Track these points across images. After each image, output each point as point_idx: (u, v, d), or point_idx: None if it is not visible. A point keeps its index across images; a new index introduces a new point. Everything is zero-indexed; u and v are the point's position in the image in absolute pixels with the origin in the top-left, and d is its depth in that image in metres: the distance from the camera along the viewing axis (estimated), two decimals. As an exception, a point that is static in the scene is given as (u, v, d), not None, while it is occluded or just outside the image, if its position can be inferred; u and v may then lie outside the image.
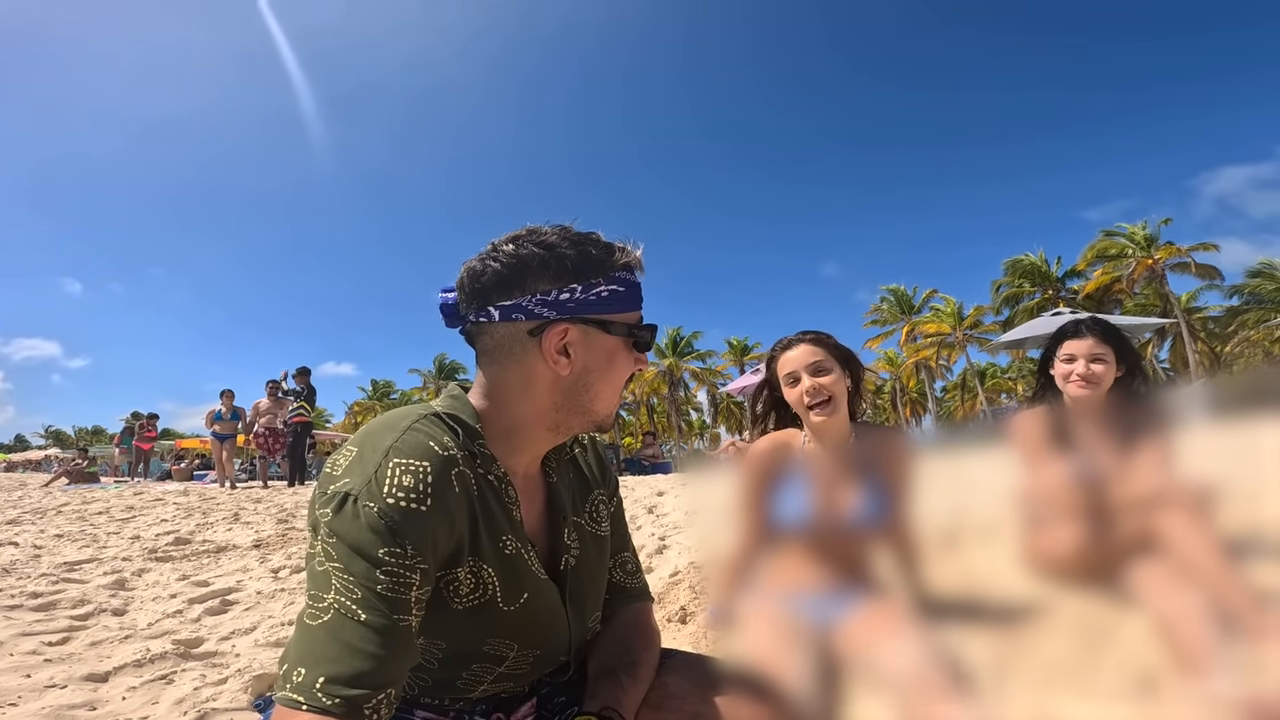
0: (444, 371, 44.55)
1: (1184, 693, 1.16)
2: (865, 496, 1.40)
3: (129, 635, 2.29)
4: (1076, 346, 1.62)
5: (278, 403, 9.54)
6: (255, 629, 2.41)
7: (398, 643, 0.66)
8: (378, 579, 0.66)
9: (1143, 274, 28.37)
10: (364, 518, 0.67)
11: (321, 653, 0.64)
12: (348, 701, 0.62)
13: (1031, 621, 1.33)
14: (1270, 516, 1.37)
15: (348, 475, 0.71)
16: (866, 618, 1.29)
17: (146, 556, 3.80)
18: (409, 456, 0.72)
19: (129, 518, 5.54)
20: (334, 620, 0.66)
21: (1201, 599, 1.26)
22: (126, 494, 7.80)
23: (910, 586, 1.38)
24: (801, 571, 1.41)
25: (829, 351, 1.45)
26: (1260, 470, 1.43)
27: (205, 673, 1.91)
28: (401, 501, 0.69)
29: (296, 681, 0.64)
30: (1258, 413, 1.46)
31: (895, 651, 1.20)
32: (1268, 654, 1.16)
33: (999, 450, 1.66)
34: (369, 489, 0.69)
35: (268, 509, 5.96)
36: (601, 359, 0.81)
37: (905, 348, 36.49)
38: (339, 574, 0.67)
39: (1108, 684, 1.20)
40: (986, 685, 1.14)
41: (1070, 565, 1.44)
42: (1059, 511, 1.52)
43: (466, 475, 0.76)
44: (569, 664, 0.91)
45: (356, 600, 0.66)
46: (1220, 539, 1.31)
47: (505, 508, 0.80)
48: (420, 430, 0.76)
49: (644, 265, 0.85)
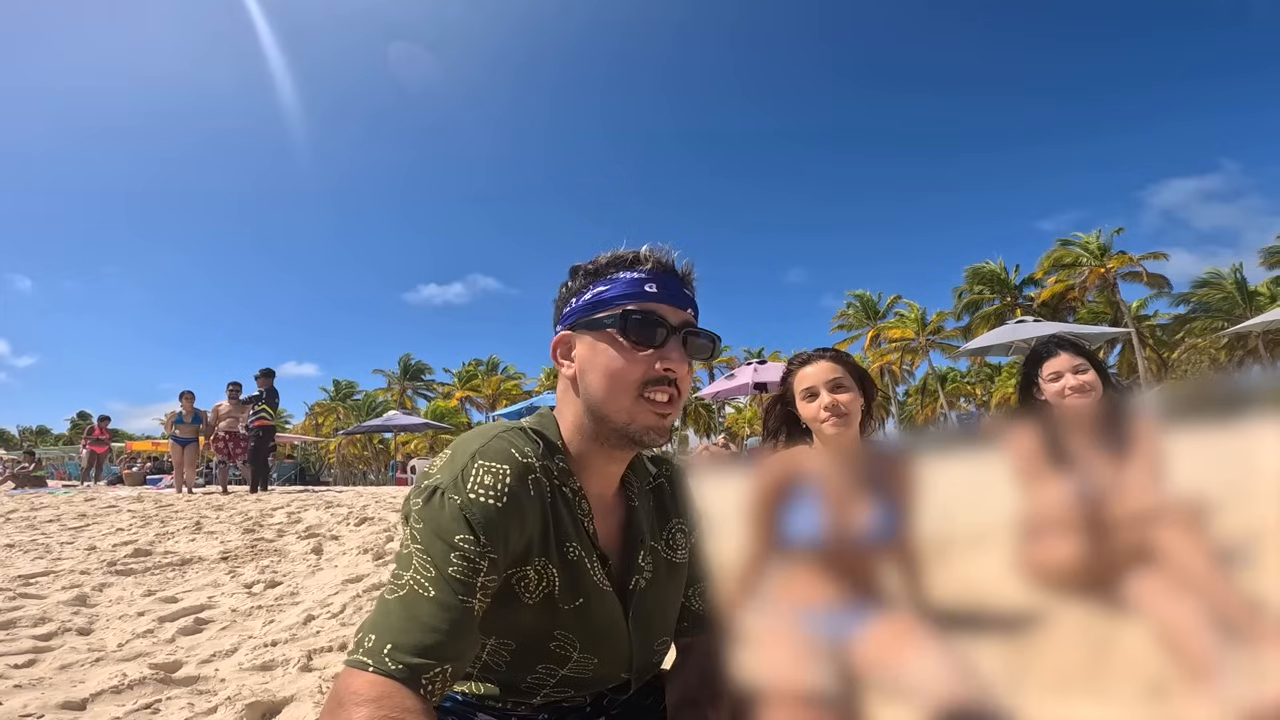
0: (409, 373, 43.74)
1: (1195, 699, 1.19)
2: (877, 511, 1.41)
3: (100, 658, 2.16)
4: (1057, 364, 1.66)
5: (239, 405, 9.22)
6: (237, 650, 2.30)
7: (461, 622, 0.72)
8: (450, 562, 0.73)
9: (1095, 282, 29.51)
10: (447, 508, 0.75)
11: (392, 623, 0.71)
12: (410, 668, 0.68)
13: (1036, 631, 1.35)
14: (1247, 523, 1.41)
15: (439, 473, 0.79)
16: (883, 632, 1.30)
17: (106, 569, 3.62)
18: (491, 460, 0.79)
19: (83, 526, 5.27)
20: (408, 595, 0.72)
21: (1200, 607, 1.29)
22: (77, 500, 7.42)
23: (920, 599, 1.39)
24: (813, 588, 1.41)
25: (847, 370, 1.46)
26: (1238, 477, 1.48)
27: (193, 701, 1.81)
28: (481, 497, 0.76)
29: (367, 647, 0.70)
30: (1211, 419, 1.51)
31: (917, 663, 1.21)
32: (1267, 659, 1.20)
33: (984, 457, 1.69)
34: (454, 484, 0.77)
35: (231, 517, 5.74)
36: (589, 353, 0.85)
37: (870, 352, 37.21)
38: (419, 555, 0.74)
39: (1120, 692, 1.22)
40: (1004, 694, 1.15)
41: (1068, 577, 1.47)
42: (1056, 525, 1.55)
43: (542, 482, 0.82)
44: (630, 683, 0.92)
45: (430, 579, 0.73)
46: (1214, 549, 1.36)
47: (576, 519, 0.85)
48: (505, 439, 0.82)
49: (666, 263, 0.87)
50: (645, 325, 0.82)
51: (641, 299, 0.83)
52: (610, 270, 0.86)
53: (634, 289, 0.84)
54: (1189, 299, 30.19)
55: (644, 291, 0.84)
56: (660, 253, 0.87)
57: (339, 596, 3.01)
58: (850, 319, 38.20)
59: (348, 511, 5.79)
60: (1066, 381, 1.66)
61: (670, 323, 0.84)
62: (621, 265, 0.86)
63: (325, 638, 2.43)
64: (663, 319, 0.83)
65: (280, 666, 2.14)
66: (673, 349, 0.83)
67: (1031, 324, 12.08)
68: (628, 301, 0.83)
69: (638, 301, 0.83)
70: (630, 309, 0.83)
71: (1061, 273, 30.45)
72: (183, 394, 9.39)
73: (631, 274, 0.85)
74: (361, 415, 40.40)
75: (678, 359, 0.83)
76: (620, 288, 0.84)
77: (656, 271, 0.86)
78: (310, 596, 3.07)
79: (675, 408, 0.84)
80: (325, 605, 2.88)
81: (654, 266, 0.86)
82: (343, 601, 2.91)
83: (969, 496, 1.74)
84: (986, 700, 1.09)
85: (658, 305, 0.84)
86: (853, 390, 1.44)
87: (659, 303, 0.84)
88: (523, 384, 42.68)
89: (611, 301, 0.84)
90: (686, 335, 0.85)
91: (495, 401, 40.93)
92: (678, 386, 0.84)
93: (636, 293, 0.84)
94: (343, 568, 3.63)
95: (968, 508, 1.68)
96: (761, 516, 1.49)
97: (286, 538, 4.63)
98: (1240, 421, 1.60)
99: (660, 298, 0.84)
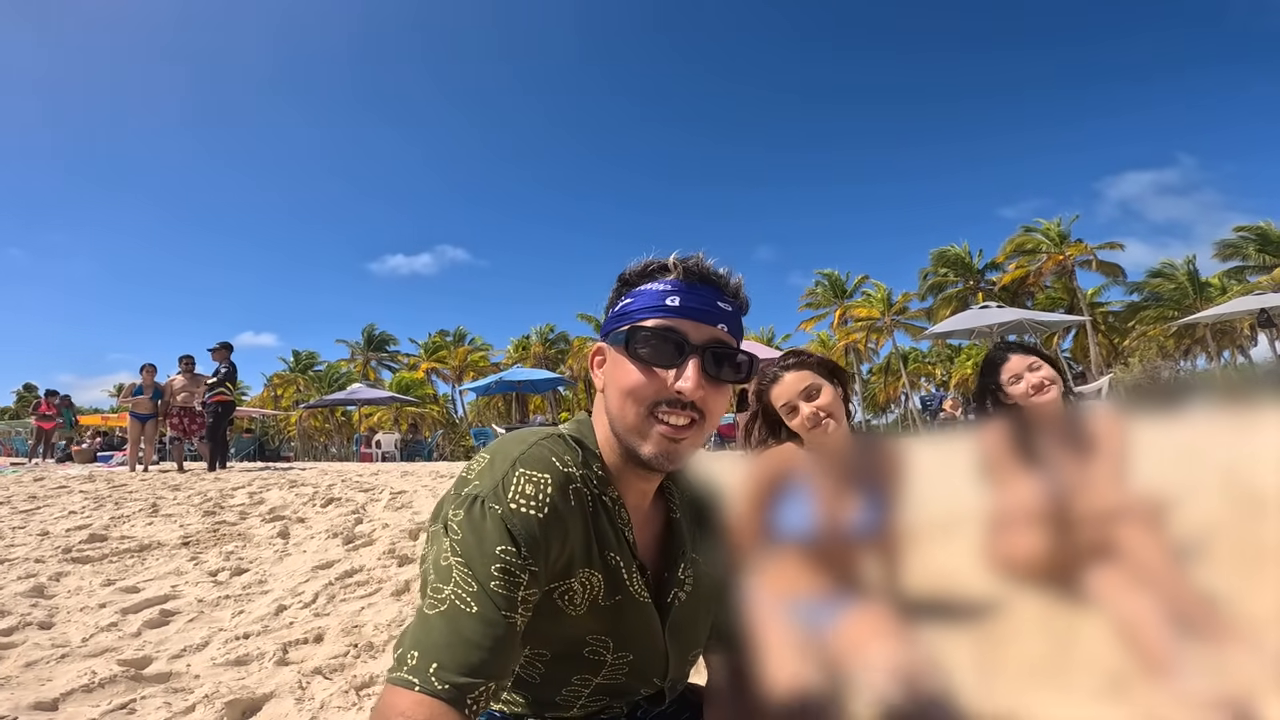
0: (373, 343, 42.81)
1: (1152, 693, 1.26)
2: (864, 504, 1.45)
3: (65, 654, 2.11)
4: (1012, 366, 1.70)
5: (193, 379, 8.93)
6: (208, 645, 2.26)
7: (505, 639, 0.70)
8: (492, 575, 0.71)
9: (1052, 269, 30.39)
10: (488, 519, 0.73)
11: (435, 639, 0.69)
12: (457, 688, 0.67)
13: (1002, 622, 1.41)
14: (1205, 518, 1.49)
15: (478, 479, 0.77)
16: (855, 622, 1.34)
17: (61, 557, 3.51)
18: (533, 468, 0.77)
19: (33, 509, 5.09)
20: (450, 610, 0.70)
21: (1159, 603, 1.36)
22: (26, 480, 7.14)
23: (896, 589, 1.44)
24: (798, 579, 1.44)
25: (813, 370, 1.46)
26: (1191, 470, 1.56)
27: (169, 700, 1.78)
28: (522, 508, 0.74)
29: (411, 664, 0.68)
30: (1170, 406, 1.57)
31: (878, 655, 1.25)
32: (1223, 654, 1.28)
33: (955, 451, 1.75)
34: (495, 493, 0.75)
35: (189, 498, 5.60)
36: (612, 368, 0.83)
37: (837, 330, 37.80)
38: (460, 568, 0.72)
39: (1081, 684, 1.29)
40: (964, 683, 1.20)
41: (1033, 569, 1.54)
42: (1022, 519, 1.62)
43: (583, 492, 0.80)
44: (664, 694, 0.92)
45: (472, 594, 0.71)
46: (1173, 546, 1.43)
47: (617, 529, 0.83)
48: (545, 446, 0.80)
49: (696, 273, 0.82)
50: (658, 343, 0.78)
51: (662, 314, 0.80)
52: (641, 281, 0.83)
53: (655, 302, 0.80)
54: (1142, 288, 31.38)
55: (664, 305, 0.80)
56: (691, 261, 0.82)
57: (310, 584, 2.97)
58: (818, 297, 38.63)
59: (313, 491, 5.69)
60: (1028, 380, 1.71)
61: (690, 341, 0.79)
62: (649, 275, 0.83)
63: (299, 629, 2.40)
64: (680, 336, 0.79)
65: (255, 660, 2.11)
66: (690, 368, 0.78)
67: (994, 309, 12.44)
68: (647, 316, 0.80)
69: (658, 316, 0.80)
70: (642, 325, 0.79)
71: (1022, 258, 31.27)
72: (144, 367, 9.03)
73: (656, 285, 0.81)
74: (323, 387, 39.50)
75: (694, 380, 0.77)
76: (643, 300, 0.81)
77: (682, 283, 0.81)
78: (280, 585, 3.02)
79: (693, 432, 0.80)
80: (296, 594, 2.84)
81: (681, 276, 0.81)
82: (314, 590, 2.87)
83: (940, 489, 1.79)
84: (940, 692, 1.15)
85: (678, 321, 0.79)
86: (825, 387, 1.45)
87: (680, 318, 0.79)
88: (490, 355, 42.22)
89: (632, 315, 0.81)
90: (711, 355, 0.80)
91: (462, 373, 40.44)
92: (699, 409, 0.79)
93: (657, 306, 0.80)
94: (311, 553, 3.58)
95: (938, 500, 1.73)
96: (750, 513, 1.52)
97: (250, 520, 4.54)
98: (1187, 413, 1.65)
99: (683, 312, 0.80)
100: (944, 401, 13.23)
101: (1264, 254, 28.25)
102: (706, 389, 0.79)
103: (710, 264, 0.83)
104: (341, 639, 2.29)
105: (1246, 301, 13.94)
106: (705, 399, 0.79)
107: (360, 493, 5.53)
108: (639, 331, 0.79)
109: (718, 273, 0.84)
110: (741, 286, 0.86)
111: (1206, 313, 11.65)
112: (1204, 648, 1.30)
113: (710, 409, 0.80)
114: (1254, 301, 13.56)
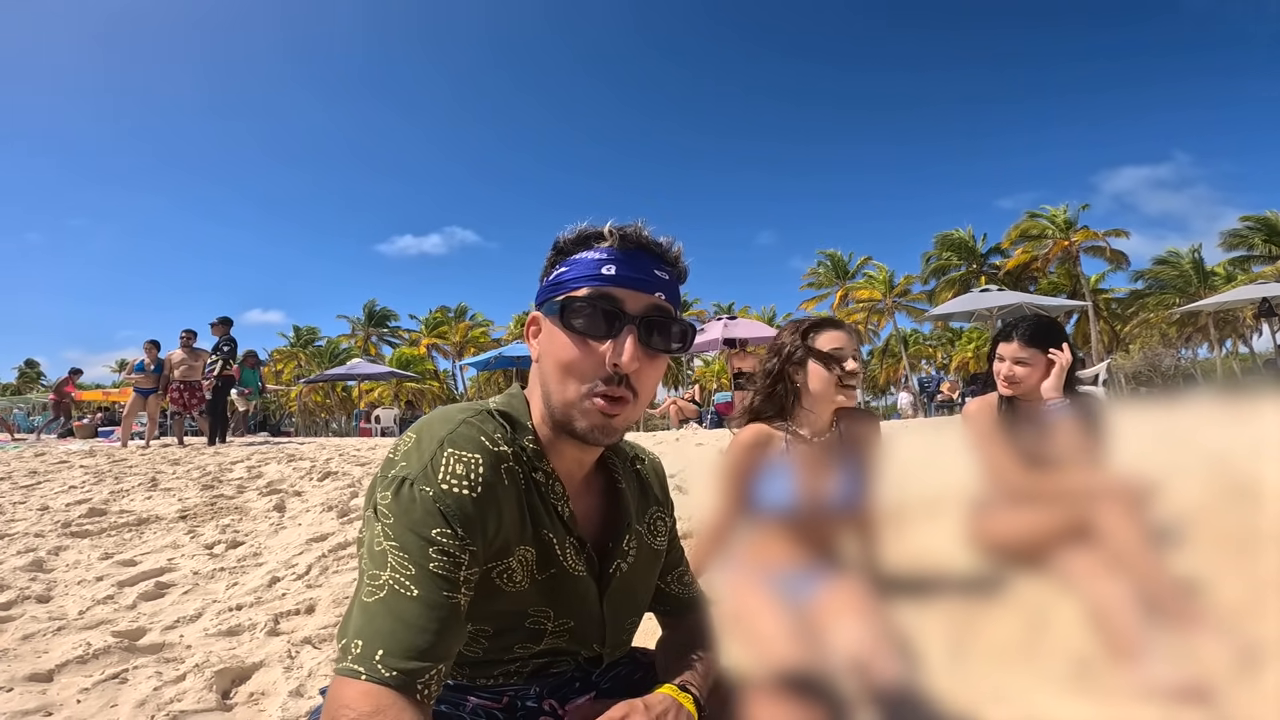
0: (374, 319, 42.77)
1: (1119, 677, 1.28)
2: (844, 481, 1.48)
3: (62, 627, 2.14)
4: (1005, 349, 1.74)
5: (193, 354, 8.95)
6: (201, 616, 2.30)
7: (449, 620, 0.69)
8: (430, 557, 0.70)
9: (1058, 255, 30.20)
10: (419, 500, 0.71)
11: (378, 627, 0.67)
12: (405, 674, 0.65)
13: (978, 600, 1.44)
14: (1187, 504, 1.50)
15: (405, 460, 0.75)
16: (831, 595, 1.37)
17: (61, 531, 3.55)
18: (462, 448, 0.75)
19: (34, 484, 5.13)
20: (390, 596, 0.69)
21: (1131, 588, 1.38)
22: (27, 455, 7.20)
23: (872, 565, 1.47)
24: (780, 551, 1.47)
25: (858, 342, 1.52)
26: (1181, 457, 1.57)
27: (160, 669, 1.81)
28: (454, 488, 0.72)
29: (356, 654, 0.66)
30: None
31: (847, 629, 1.28)
32: (1192, 641, 1.30)
33: (940, 430, 1.78)
34: (424, 474, 0.73)
35: (189, 472, 5.64)
36: (547, 338, 0.81)
37: (839, 311, 37.66)
38: (395, 552, 0.70)
39: (1051, 665, 1.31)
40: (935, 662, 1.22)
41: (1011, 548, 1.56)
42: (1002, 495, 1.64)
43: (515, 471, 0.78)
44: (602, 657, 0.92)
45: (410, 577, 0.69)
46: (1152, 530, 1.44)
47: (548, 504, 0.82)
48: (473, 424, 0.78)
49: (632, 240, 0.79)
50: (592, 314, 0.76)
51: (597, 282, 0.77)
52: (575, 248, 0.81)
53: (591, 270, 0.78)
54: (1145, 275, 31.23)
55: (600, 274, 0.77)
56: (629, 229, 0.79)
57: (304, 557, 3.00)
58: (820, 278, 38.45)
59: (310, 465, 5.73)
60: (1003, 368, 1.75)
61: (626, 310, 0.77)
62: (585, 243, 0.80)
63: (291, 600, 2.44)
64: (616, 305, 0.76)
65: (247, 631, 2.15)
66: (626, 341, 0.75)
67: (995, 293, 12.39)
68: (582, 285, 0.77)
69: (592, 285, 0.77)
70: (576, 295, 0.77)
71: (1028, 244, 31.05)
72: (148, 342, 9.05)
73: (591, 254, 0.79)
74: (324, 362, 39.55)
75: (630, 353, 0.75)
76: (578, 269, 0.78)
77: (618, 250, 0.78)
78: (274, 557, 3.06)
79: (626, 407, 0.77)
80: (290, 566, 2.88)
81: (616, 244, 0.79)
82: (308, 562, 2.90)
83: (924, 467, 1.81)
84: (907, 671, 1.17)
85: (613, 289, 0.77)
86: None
87: (616, 286, 0.77)
88: (491, 331, 42.17)
89: (566, 285, 0.78)
90: (648, 324, 0.77)
91: (462, 349, 40.42)
92: (631, 384, 0.77)
93: (593, 275, 0.77)
94: (306, 526, 3.62)
95: (923, 477, 1.76)
96: (733, 486, 1.54)
97: (247, 494, 4.59)
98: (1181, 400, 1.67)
99: (619, 280, 0.77)
100: (941, 384, 13.26)
101: (1270, 244, 28.10)
102: (643, 360, 0.77)
103: (648, 232, 0.81)
104: (332, 610, 2.33)
105: (1249, 290, 13.88)
106: (641, 371, 0.78)
107: (357, 467, 5.57)
108: (573, 301, 0.77)
109: (656, 240, 0.81)
110: (681, 255, 0.83)
111: (1209, 300, 11.60)
112: (1172, 634, 1.32)
113: (644, 382, 0.79)
114: (1257, 290, 13.50)
